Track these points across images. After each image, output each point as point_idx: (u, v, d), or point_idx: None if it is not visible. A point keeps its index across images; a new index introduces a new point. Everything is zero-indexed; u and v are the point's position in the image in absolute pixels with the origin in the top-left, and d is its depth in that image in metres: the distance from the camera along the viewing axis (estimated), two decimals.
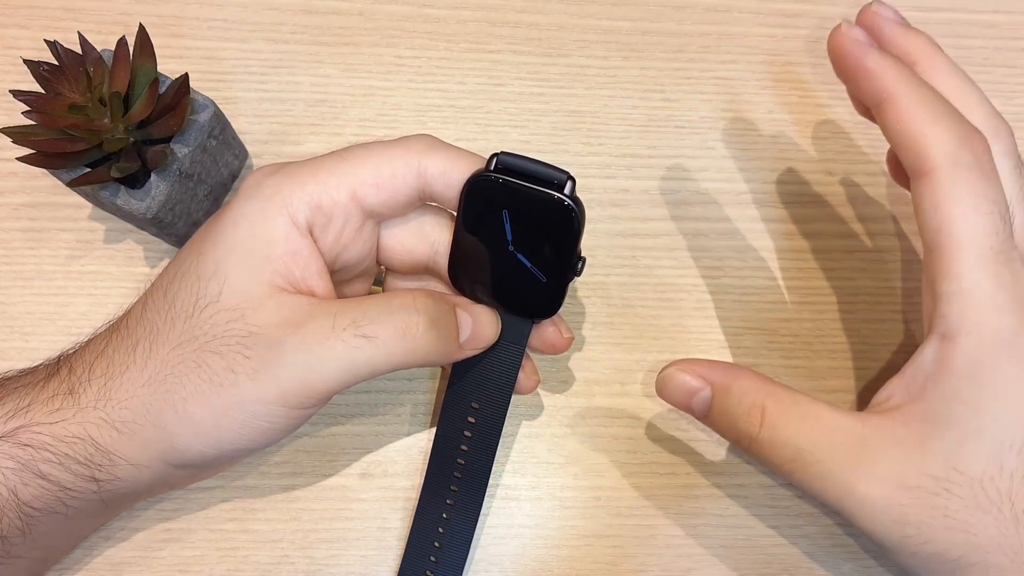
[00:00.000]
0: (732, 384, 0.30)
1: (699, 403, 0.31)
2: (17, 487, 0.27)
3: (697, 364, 0.31)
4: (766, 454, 0.29)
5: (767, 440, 0.29)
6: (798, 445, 0.28)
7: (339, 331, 0.27)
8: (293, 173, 0.29)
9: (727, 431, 0.31)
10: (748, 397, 0.29)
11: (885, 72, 0.28)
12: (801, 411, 0.29)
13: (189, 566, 0.35)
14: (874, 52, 0.28)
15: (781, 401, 0.29)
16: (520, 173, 0.29)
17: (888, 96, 0.28)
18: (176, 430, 0.28)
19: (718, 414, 0.30)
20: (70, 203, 0.38)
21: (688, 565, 0.36)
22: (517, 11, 0.43)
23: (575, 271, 0.30)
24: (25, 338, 0.37)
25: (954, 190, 0.27)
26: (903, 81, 0.28)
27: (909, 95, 0.28)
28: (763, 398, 0.29)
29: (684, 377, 0.31)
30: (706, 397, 0.31)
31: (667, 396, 0.32)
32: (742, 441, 0.30)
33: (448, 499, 0.34)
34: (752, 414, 0.29)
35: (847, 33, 0.29)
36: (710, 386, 0.30)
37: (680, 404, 0.31)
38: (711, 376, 0.31)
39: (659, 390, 0.32)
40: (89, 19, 0.41)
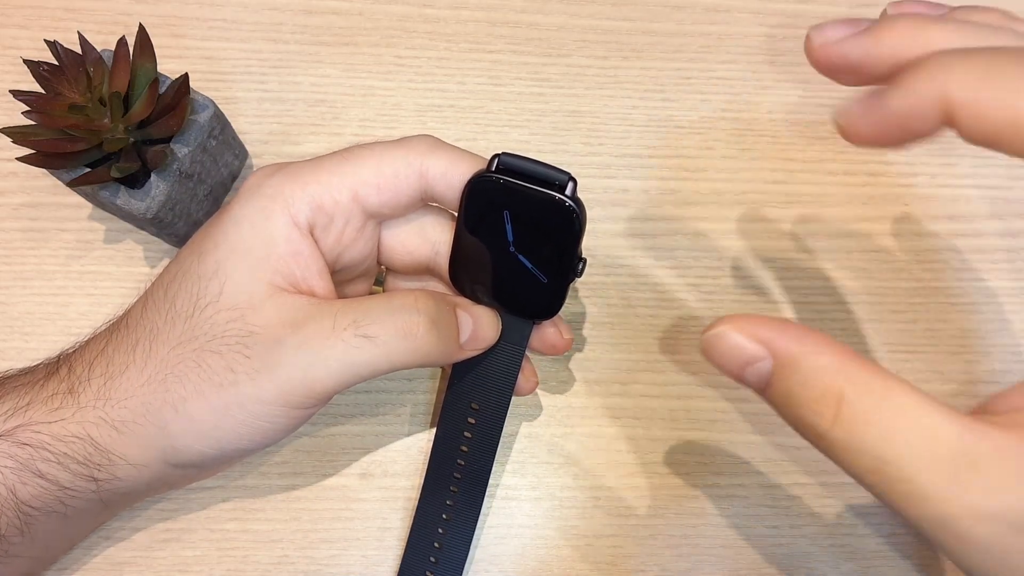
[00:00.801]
0: (801, 358, 0.23)
1: (755, 376, 0.24)
2: (16, 486, 0.27)
3: (757, 323, 0.23)
4: (839, 457, 0.22)
5: (841, 441, 0.22)
6: (882, 455, 0.21)
7: (339, 331, 0.27)
8: (294, 173, 0.29)
9: (790, 418, 0.24)
10: (821, 379, 0.22)
11: (892, 29, 0.23)
12: (891, 407, 0.22)
13: (189, 566, 0.35)
14: (868, 28, 0.24)
15: (865, 390, 0.22)
16: (521, 174, 0.29)
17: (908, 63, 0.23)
18: (176, 430, 0.28)
19: (779, 395, 0.23)
20: (70, 203, 0.38)
21: (688, 565, 0.36)
22: (517, 11, 0.43)
23: (576, 272, 0.30)
24: (25, 338, 0.37)
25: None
26: (920, 31, 0.23)
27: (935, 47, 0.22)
28: (841, 382, 0.22)
29: (738, 339, 0.24)
30: (765, 370, 0.23)
31: (715, 360, 0.24)
32: (807, 435, 0.23)
33: (448, 499, 0.34)
34: (824, 403, 0.22)
35: (816, 36, 0.25)
36: (772, 356, 0.23)
37: (732, 373, 0.24)
38: (775, 342, 0.23)
39: (706, 351, 0.25)
40: (89, 19, 0.41)
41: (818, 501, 0.36)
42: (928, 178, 0.41)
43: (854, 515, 0.36)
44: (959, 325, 0.39)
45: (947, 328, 0.39)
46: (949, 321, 0.39)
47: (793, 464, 0.37)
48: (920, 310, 0.39)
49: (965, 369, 0.39)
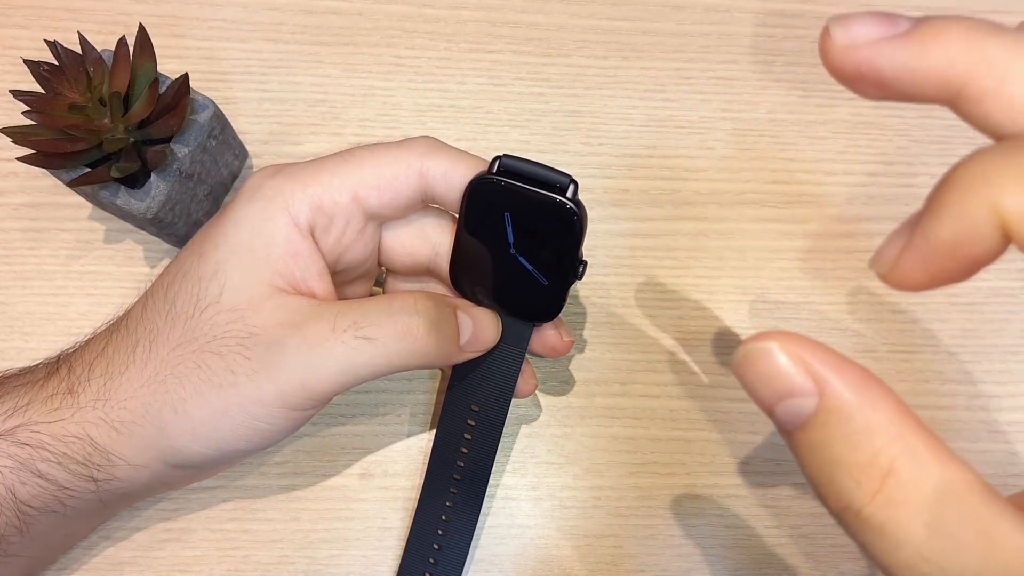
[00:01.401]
0: (857, 410, 0.18)
1: (790, 413, 0.19)
2: (15, 486, 0.27)
3: (811, 349, 0.19)
4: (869, 540, 0.18)
5: (878, 523, 0.17)
6: (926, 552, 0.17)
7: (339, 332, 0.27)
8: (295, 174, 0.29)
9: (817, 475, 0.19)
10: (873, 441, 0.18)
11: (943, 37, 0.18)
12: (949, 496, 0.17)
13: (189, 566, 0.35)
14: (908, 32, 0.19)
15: (923, 466, 0.17)
16: (522, 176, 0.28)
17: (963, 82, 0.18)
18: (175, 430, 0.28)
19: (814, 445, 0.19)
20: (70, 203, 0.38)
21: (688, 565, 0.36)
22: (517, 11, 0.43)
23: (576, 275, 0.30)
24: (25, 338, 0.37)
25: None
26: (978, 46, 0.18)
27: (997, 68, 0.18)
28: (896, 451, 0.17)
29: (785, 364, 0.19)
30: (805, 410, 0.19)
31: (748, 380, 0.20)
32: (833, 502, 0.18)
33: (447, 500, 0.34)
34: (869, 472, 0.17)
35: (840, 32, 0.19)
36: (820, 395, 0.18)
37: (763, 401, 0.20)
38: (829, 381, 0.18)
39: (741, 367, 0.20)
40: (89, 19, 0.41)
41: (818, 501, 0.36)
42: (928, 178, 0.41)
43: None
44: (959, 325, 0.39)
45: (947, 328, 0.39)
46: (949, 321, 0.39)
47: (793, 464, 0.37)
48: (920, 310, 0.39)
49: (965, 369, 0.39)
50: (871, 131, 0.42)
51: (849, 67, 0.19)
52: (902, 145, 0.42)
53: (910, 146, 0.42)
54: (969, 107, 0.19)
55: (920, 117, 0.42)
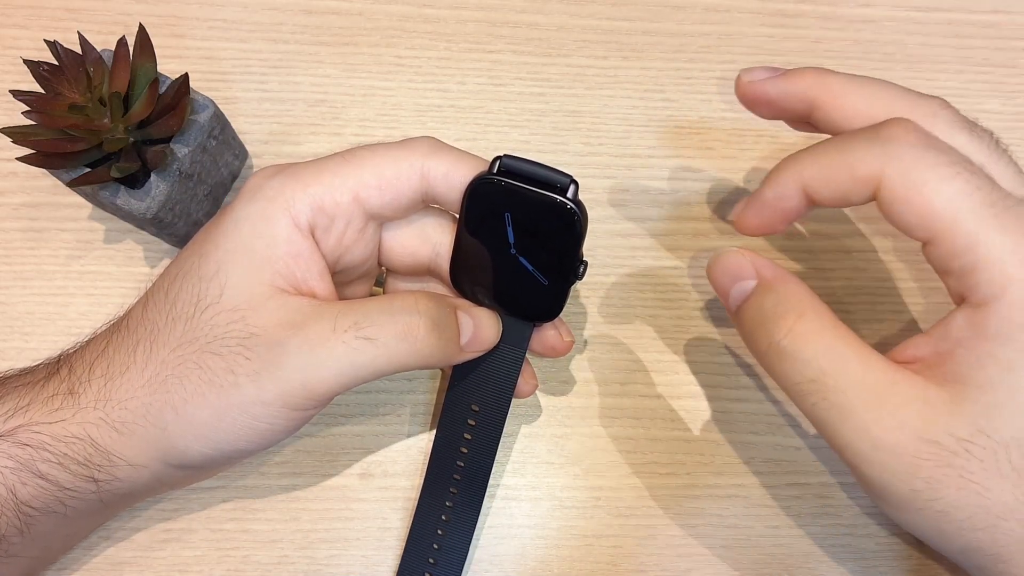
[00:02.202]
0: (779, 284, 0.28)
1: (738, 292, 0.29)
2: (16, 486, 0.27)
3: (755, 255, 0.29)
4: (785, 367, 0.27)
5: (791, 350, 0.27)
6: (823, 367, 0.26)
7: (340, 332, 0.27)
8: (295, 174, 0.29)
9: (753, 332, 0.28)
10: (789, 301, 0.28)
11: (803, 75, 0.30)
12: (838, 334, 0.27)
13: (189, 566, 0.35)
14: (784, 73, 0.31)
15: (820, 316, 0.27)
16: (523, 176, 0.28)
17: (814, 98, 0.30)
18: (176, 431, 0.28)
19: (752, 309, 0.28)
20: (70, 203, 0.38)
21: (688, 565, 0.36)
22: (517, 11, 0.43)
23: (577, 275, 0.30)
24: (25, 338, 0.37)
25: (912, 175, 0.26)
26: (823, 78, 0.30)
27: (836, 90, 0.29)
28: (804, 306, 0.27)
29: (739, 260, 0.29)
30: (747, 288, 0.29)
31: (714, 276, 0.30)
32: (763, 346, 0.28)
33: (447, 501, 0.34)
34: (785, 317, 0.27)
35: (745, 75, 0.31)
36: (758, 278, 0.29)
37: (721, 288, 0.30)
38: (763, 269, 0.29)
39: (709, 268, 0.30)
40: (89, 19, 0.41)
41: (818, 501, 0.37)
42: None
43: (854, 515, 0.36)
44: None
45: None
46: None
47: (793, 464, 0.37)
48: (920, 310, 0.39)
49: None
50: None
51: (749, 95, 0.32)
52: None
53: None
54: (818, 115, 0.30)
55: None
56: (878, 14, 0.44)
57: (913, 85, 0.42)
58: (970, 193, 0.25)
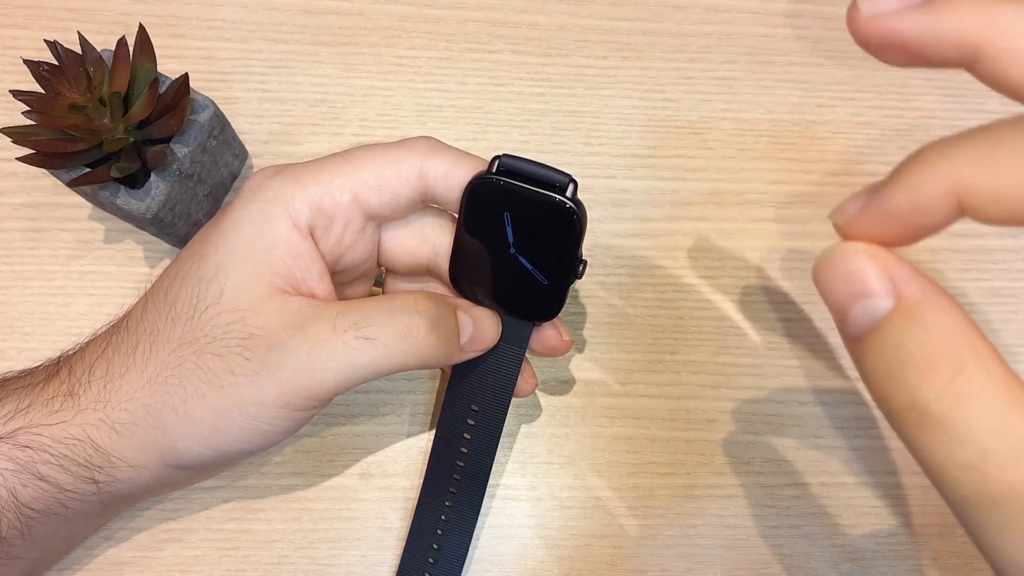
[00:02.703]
0: (930, 312, 0.19)
1: (862, 315, 0.20)
2: (16, 488, 0.27)
3: (890, 256, 0.20)
4: (932, 442, 0.18)
5: (942, 419, 0.18)
6: (992, 447, 0.18)
7: (340, 333, 0.27)
8: (295, 175, 0.29)
9: (885, 380, 0.19)
10: (945, 342, 0.18)
11: (960, 7, 0.20)
12: (1013, 400, 0.18)
13: (189, 566, 0.35)
14: (928, 2, 0.20)
15: (989, 370, 0.18)
16: (522, 175, 0.28)
17: (978, 45, 0.20)
18: (176, 432, 0.28)
19: (885, 346, 0.19)
20: (70, 203, 0.38)
21: (688, 565, 0.36)
22: (517, 11, 0.43)
23: (576, 274, 0.30)
24: (25, 338, 0.37)
25: None
26: (992, 13, 0.20)
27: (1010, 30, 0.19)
28: (965, 352, 0.18)
29: (866, 264, 0.20)
30: (879, 312, 0.19)
31: (826, 280, 0.20)
32: (900, 404, 0.19)
33: (447, 501, 0.34)
34: (938, 368, 0.18)
35: (867, 6, 0.21)
36: (896, 299, 0.19)
37: (836, 303, 0.20)
38: (905, 284, 0.19)
39: (820, 269, 0.21)
40: (89, 19, 0.41)
41: (818, 501, 0.37)
42: None
43: (854, 515, 0.36)
44: None
45: None
46: None
47: (793, 464, 0.37)
48: None
49: None
50: (871, 131, 0.42)
51: (875, 36, 0.21)
52: (902, 145, 0.42)
53: (910, 146, 0.42)
54: (985, 67, 0.20)
55: (921, 117, 0.42)
56: None
57: (911, 84, 0.43)
58: None
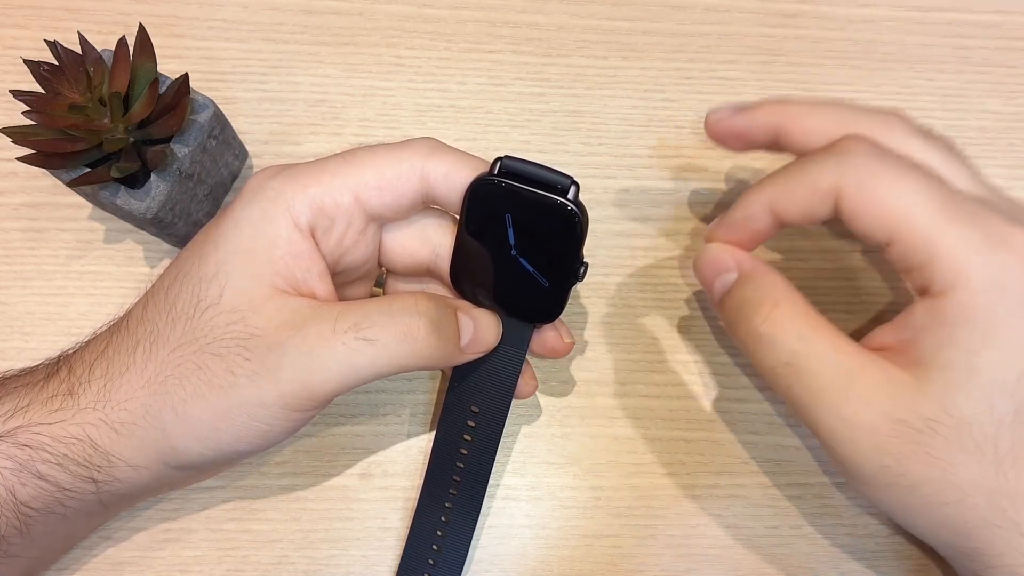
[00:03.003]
0: (757, 275, 0.30)
1: (721, 284, 0.31)
2: (15, 487, 0.27)
3: (736, 250, 0.32)
4: (762, 352, 0.29)
5: (767, 336, 0.29)
6: (796, 350, 0.28)
7: (340, 333, 0.27)
8: (296, 175, 0.29)
9: (733, 320, 0.30)
10: (767, 290, 0.30)
11: (765, 105, 0.32)
12: (811, 321, 0.29)
13: (189, 566, 0.35)
14: (748, 107, 0.32)
15: (795, 304, 0.29)
16: (523, 177, 0.28)
17: (777, 125, 0.31)
18: (175, 431, 0.28)
19: (734, 299, 0.30)
20: (70, 203, 0.38)
21: (688, 565, 0.36)
22: (517, 11, 0.43)
23: (577, 276, 0.30)
24: (25, 338, 0.37)
25: (866, 183, 0.28)
26: (784, 106, 0.32)
27: (797, 114, 0.31)
28: (780, 296, 0.29)
29: (722, 254, 0.31)
30: (729, 280, 0.31)
31: (699, 269, 0.32)
32: (742, 333, 0.30)
33: (447, 502, 0.34)
34: (763, 305, 0.29)
35: (713, 115, 0.33)
36: (739, 271, 0.31)
37: (706, 280, 0.32)
38: (743, 263, 0.31)
39: (695, 262, 0.33)
40: (89, 19, 0.41)
41: (818, 501, 0.37)
42: None
43: (854, 515, 0.36)
44: None
45: None
46: None
47: (793, 464, 0.37)
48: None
49: None
50: None
51: (719, 131, 0.33)
52: None
53: None
54: (784, 140, 0.32)
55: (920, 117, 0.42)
56: (878, 14, 0.44)
57: (913, 85, 0.43)
58: (921, 192, 0.27)
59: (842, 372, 0.28)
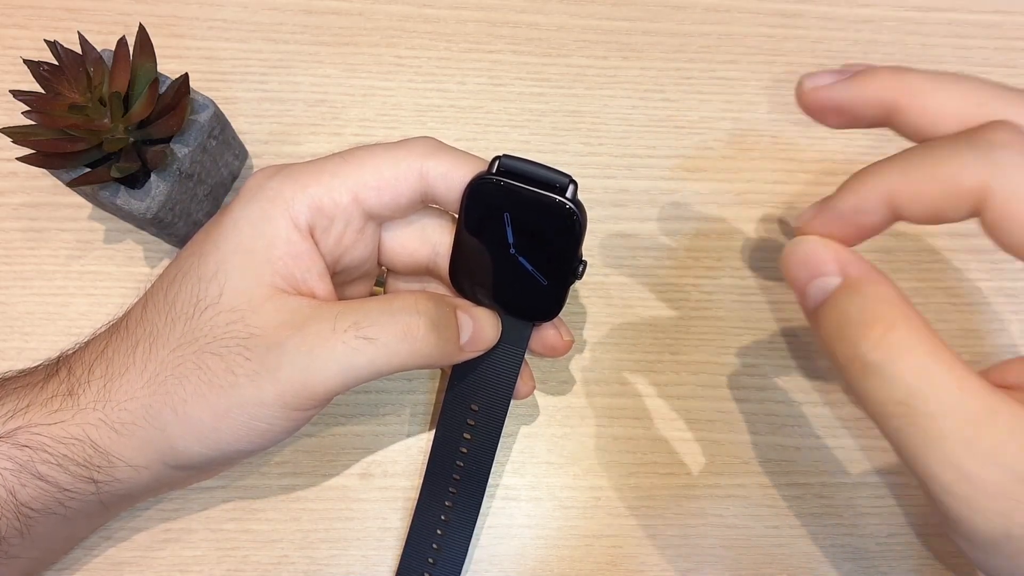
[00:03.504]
0: (867, 285, 0.24)
1: (818, 290, 0.25)
2: (15, 488, 0.27)
3: (839, 247, 0.26)
4: (870, 385, 0.23)
5: (878, 365, 0.23)
6: (914, 387, 0.22)
7: (340, 333, 0.27)
8: (295, 175, 0.29)
9: (834, 340, 0.24)
10: (879, 307, 0.24)
11: (878, 75, 0.26)
12: (932, 350, 0.23)
13: (189, 566, 0.35)
14: (854, 74, 0.27)
15: (914, 328, 0.23)
16: (522, 176, 0.28)
17: (893, 101, 0.26)
18: (175, 431, 0.28)
19: (834, 312, 0.24)
20: (70, 203, 0.38)
21: (688, 565, 0.36)
22: (517, 11, 0.43)
23: (576, 275, 0.30)
24: (25, 338, 0.37)
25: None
26: (903, 78, 0.26)
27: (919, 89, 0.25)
28: (896, 314, 0.23)
29: (821, 251, 0.25)
30: (829, 286, 0.25)
31: (789, 267, 0.26)
32: (845, 357, 0.24)
33: (447, 501, 0.34)
34: (873, 327, 0.23)
35: (808, 81, 0.28)
36: (842, 275, 0.25)
37: (797, 283, 0.26)
38: (850, 265, 0.25)
39: (786, 256, 0.27)
40: (89, 19, 0.41)
41: (818, 501, 0.37)
42: None
43: (854, 515, 0.36)
44: (959, 325, 0.39)
45: (947, 328, 0.39)
46: (949, 321, 0.39)
47: (793, 464, 0.37)
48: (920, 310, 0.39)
49: None
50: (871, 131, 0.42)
51: (816, 103, 0.28)
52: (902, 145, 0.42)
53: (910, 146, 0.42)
54: (900, 119, 0.26)
55: None
56: (878, 14, 0.44)
57: None
58: None
59: (968, 418, 0.22)
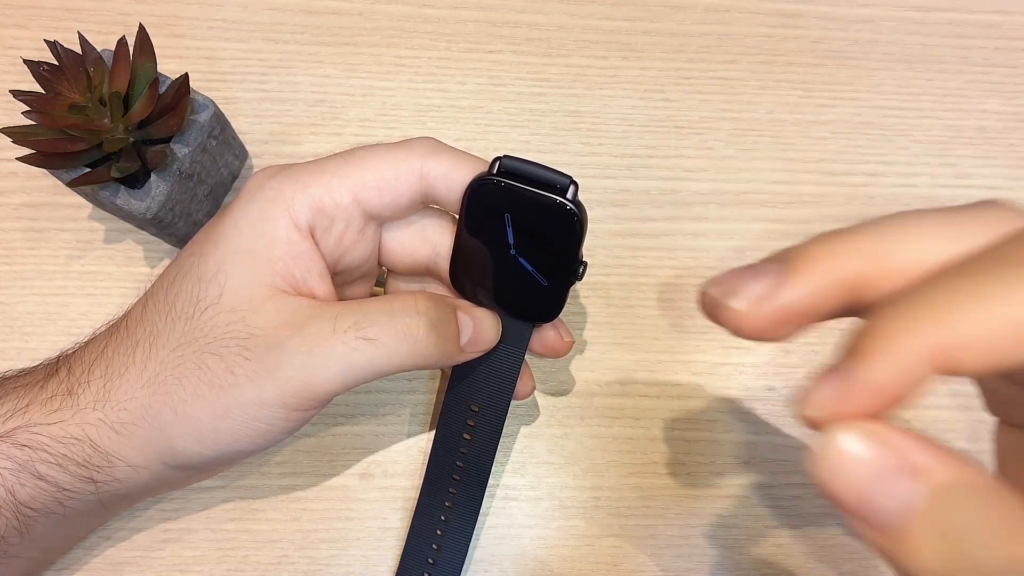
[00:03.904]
0: (966, 479, 0.16)
1: (897, 502, 0.16)
2: (15, 487, 0.27)
3: (901, 433, 0.16)
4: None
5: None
6: None
7: (340, 333, 0.27)
8: (295, 175, 0.29)
9: (941, 561, 0.15)
10: (998, 507, 0.15)
11: (819, 255, 0.19)
12: None
13: (189, 566, 0.35)
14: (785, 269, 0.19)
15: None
16: (522, 177, 0.28)
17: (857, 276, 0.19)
18: (175, 432, 0.28)
19: (942, 525, 0.16)
20: (70, 203, 0.38)
21: (688, 565, 0.36)
22: (517, 11, 0.43)
23: (576, 275, 0.30)
24: (25, 338, 0.37)
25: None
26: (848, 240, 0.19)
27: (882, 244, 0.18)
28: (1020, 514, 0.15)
29: (879, 449, 0.16)
30: (912, 497, 0.16)
31: (831, 481, 0.17)
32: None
33: (447, 501, 0.34)
34: (1000, 535, 0.15)
35: (735, 300, 0.20)
36: (924, 480, 0.16)
37: (849, 498, 0.16)
38: (923, 459, 0.16)
39: (816, 467, 0.17)
40: (89, 19, 0.41)
41: (818, 501, 0.36)
42: (928, 178, 0.41)
43: None
44: None
45: None
46: None
47: (793, 464, 0.37)
48: None
49: None
50: (871, 131, 0.42)
51: (766, 324, 0.20)
52: (902, 145, 0.42)
53: (910, 146, 0.42)
54: (865, 293, 0.19)
55: (920, 117, 0.42)
56: (878, 14, 0.44)
57: (913, 85, 0.43)
58: None
59: None
